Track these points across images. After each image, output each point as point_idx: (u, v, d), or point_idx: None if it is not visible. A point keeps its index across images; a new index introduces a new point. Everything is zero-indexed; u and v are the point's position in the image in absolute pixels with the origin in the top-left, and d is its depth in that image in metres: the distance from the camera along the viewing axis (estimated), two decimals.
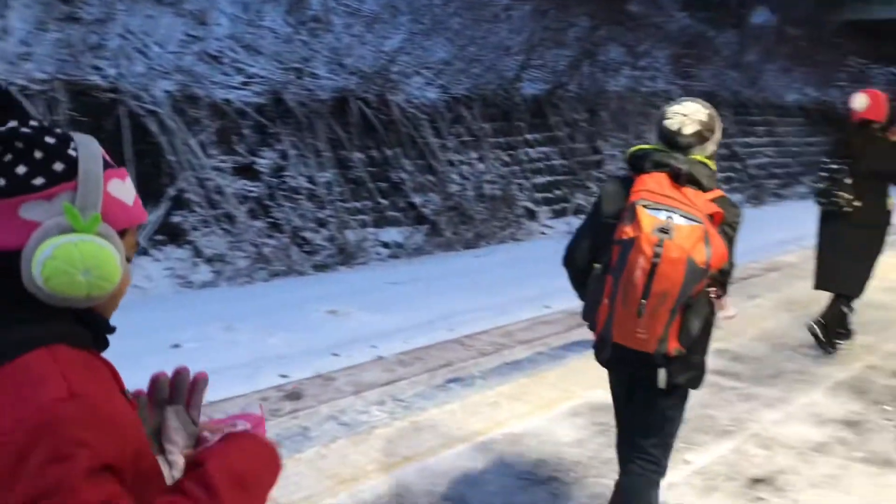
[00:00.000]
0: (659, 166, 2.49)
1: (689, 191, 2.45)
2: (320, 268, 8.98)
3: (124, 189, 1.22)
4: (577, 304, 6.84)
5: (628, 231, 2.40)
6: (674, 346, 2.46)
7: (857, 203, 5.41)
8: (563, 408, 4.50)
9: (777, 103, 19.16)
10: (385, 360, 4.93)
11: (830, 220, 5.61)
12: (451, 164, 11.18)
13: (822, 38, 20.68)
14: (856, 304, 5.87)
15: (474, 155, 11.60)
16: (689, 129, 2.56)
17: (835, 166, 5.46)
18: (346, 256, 9.31)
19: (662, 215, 2.38)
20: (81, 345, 1.15)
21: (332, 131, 9.83)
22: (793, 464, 3.89)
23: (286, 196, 9.04)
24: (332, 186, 9.60)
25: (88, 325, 1.18)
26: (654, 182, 2.46)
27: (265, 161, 8.98)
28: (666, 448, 2.74)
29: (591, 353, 5.24)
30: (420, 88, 11.18)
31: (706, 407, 4.55)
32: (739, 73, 18.06)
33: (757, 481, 3.71)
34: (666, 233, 2.35)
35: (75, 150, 1.17)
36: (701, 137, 2.57)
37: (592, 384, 4.85)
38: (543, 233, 11.95)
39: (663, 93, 15.21)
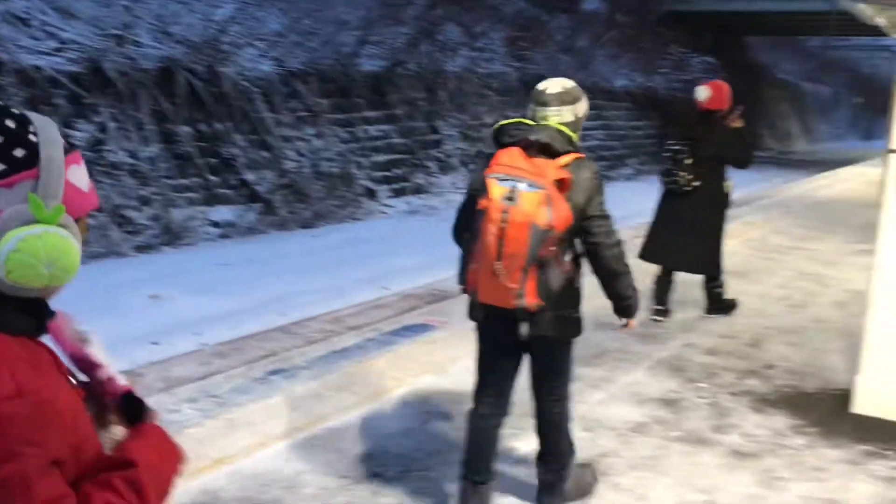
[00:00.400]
0: (513, 139, 2.80)
1: (539, 160, 2.74)
2: (143, 249, 8.49)
3: (81, 175, 1.21)
4: (413, 285, 6.78)
5: (483, 202, 2.73)
6: (532, 301, 2.77)
7: (696, 183, 5.80)
8: (390, 397, 4.40)
9: (606, 88, 19.91)
10: (201, 352, 4.64)
11: (671, 198, 5.99)
12: (287, 140, 10.85)
13: (647, 27, 21.68)
14: (678, 279, 6.20)
15: (311, 131, 11.31)
16: (552, 90, 2.92)
17: (677, 147, 5.83)
18: (172, 236, 8.85)
19: (509, 185, 2.69)
20: (23, 332, 1.15)
21: (157, 103, 9.29)
22: (614, 446, 3.97)
23: (105, 172, 8.47)
24: (157, 162, 9.07)
25: (32, 312, 1.17)
26: (506, 156, 2.76)
27: (81, 134, 8.38)
28: (565, 385, 3.15)
29: (422, 338, 5.19)
30: (253, 61, 10.76)
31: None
32: (571, 58, 18.60)
33: (581, 466, 3.73)
34: (511, 200, 2.67)
35: (35, 134, 1.15)
36: (561, 100, 2.90)
37: (423, 370, 4.78)
38: (383, 212, 11.83)
39: (499, 74, 15.40)
